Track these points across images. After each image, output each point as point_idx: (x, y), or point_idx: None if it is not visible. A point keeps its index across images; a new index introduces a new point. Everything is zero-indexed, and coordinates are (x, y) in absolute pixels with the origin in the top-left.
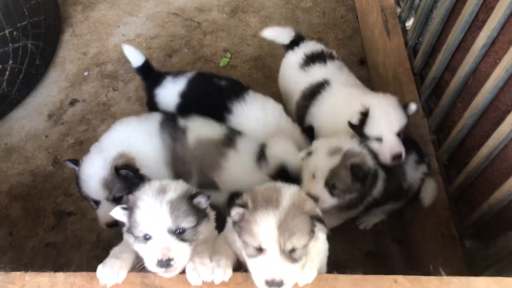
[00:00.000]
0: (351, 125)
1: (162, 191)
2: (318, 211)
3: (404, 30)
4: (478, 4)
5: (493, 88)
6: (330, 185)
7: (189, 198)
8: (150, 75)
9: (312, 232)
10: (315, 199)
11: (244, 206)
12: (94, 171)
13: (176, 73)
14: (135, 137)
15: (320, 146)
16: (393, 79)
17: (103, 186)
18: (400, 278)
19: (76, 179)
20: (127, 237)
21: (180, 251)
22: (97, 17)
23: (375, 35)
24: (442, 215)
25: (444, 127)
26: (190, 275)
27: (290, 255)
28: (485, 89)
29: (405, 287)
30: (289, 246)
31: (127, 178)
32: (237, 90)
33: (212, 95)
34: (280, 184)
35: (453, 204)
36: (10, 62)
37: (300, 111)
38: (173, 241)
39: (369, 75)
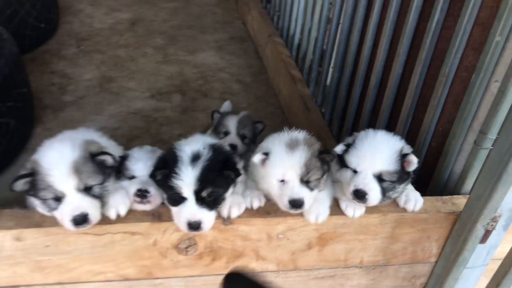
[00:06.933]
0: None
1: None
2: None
3: (321, 112)
4: (364, 70)
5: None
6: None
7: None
8: None
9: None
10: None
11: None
12: (60, 155)
13: None
14: None
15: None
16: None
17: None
18: None
19: (27, 174)
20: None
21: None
22: (66, 117)
23: (299, 117)
24: None
25: None
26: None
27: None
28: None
29: None
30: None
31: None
32: None
33: None
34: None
35: None
36: None
37: None
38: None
39: None
